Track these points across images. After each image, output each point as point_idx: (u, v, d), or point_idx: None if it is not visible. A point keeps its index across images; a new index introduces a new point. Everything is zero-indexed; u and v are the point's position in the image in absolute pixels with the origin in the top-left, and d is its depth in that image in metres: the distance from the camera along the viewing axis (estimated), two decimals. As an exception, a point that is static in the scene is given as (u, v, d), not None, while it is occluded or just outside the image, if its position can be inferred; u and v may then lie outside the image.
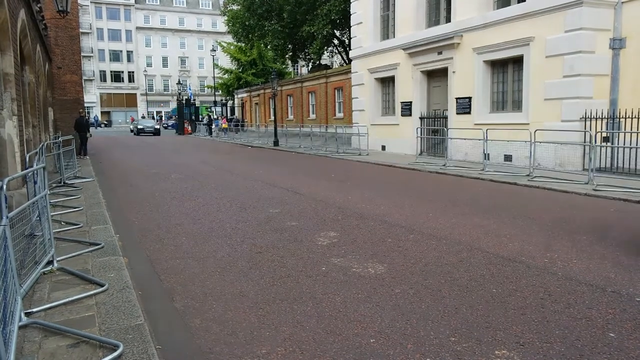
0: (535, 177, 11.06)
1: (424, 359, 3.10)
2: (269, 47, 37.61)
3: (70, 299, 4.01)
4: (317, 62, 37.53)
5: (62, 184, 10.93)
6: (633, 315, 3.71)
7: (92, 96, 67.16)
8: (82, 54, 27.32)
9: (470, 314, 3.78)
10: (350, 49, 22.78)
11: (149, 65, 73.22)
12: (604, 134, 11.31)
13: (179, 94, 46.21)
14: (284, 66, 47.00)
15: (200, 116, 48.86)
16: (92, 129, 51.16)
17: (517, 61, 13.65)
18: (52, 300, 4.00)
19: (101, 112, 70.27)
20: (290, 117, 35.36)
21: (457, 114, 15.56)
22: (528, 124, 12.74)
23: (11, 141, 7.61)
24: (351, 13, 21.18)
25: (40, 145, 7.71)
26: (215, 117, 43.76)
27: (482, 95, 14.74)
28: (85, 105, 29.36)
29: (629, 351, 3.16)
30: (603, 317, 3.67)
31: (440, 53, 16.12)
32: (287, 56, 38.06)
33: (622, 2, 11.68)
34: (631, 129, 10.74)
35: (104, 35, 71.36)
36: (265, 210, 7.99)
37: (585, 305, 3.90)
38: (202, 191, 10.21)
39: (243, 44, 42.87)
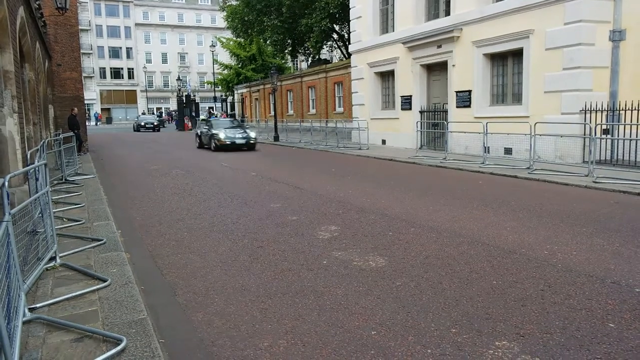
0: (535, 169, 11.07)
1: (425, 350, 3.13)
2: (268, 42, 37.53)
3: (73, 294, 4.03)
4: (317, 57, 37.44)
5: (63, 180, 10.95)
6: (632, 305, 3.73)
7: (92, 93, 67.06)
8: (82, 51, 27.29)
9: (470, 305, 3.80)
10: (349, 44, 22.73)
11: (149, 61, 73.01)
12: (604, 127, 11.29)
13: (179, 90, 46.14)
14: (283, 61, 46.87)
15: (200, 112, 48.81)
16: (93, 127, 51.12)
17: (517, 54, 13.61)
18: (55, 295, 4.03)
19: (101, 108, 70.20)
20: (291, 112, 35.30)
21: (457, 107, 15.54)
22: (528, 116, 12.73)
23: (12, 138, 7.63)
24: (350, 7, 21.11)
25: (41, 143, 7.73)
26: (215, 113, 43.70)
27: (482, 89, 14.72)
28: (86, 102, 29.24)
29: (628, 341, 3.18)
30: (603, 308, 3.69)
31: (439, 46, 16.08)
32: (286, 51, 37.98)
33: (622, -6, 11.63)
34: (631, 121, 10.74)
35: (103, 32, 71.14)
36: (266, 205, 8.01)
37: (585, 296, 3.92)
38: (203, 186, 10.23)
39: (242, 40, 42.77)
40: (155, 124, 40.84)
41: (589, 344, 3.16)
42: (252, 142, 19.73)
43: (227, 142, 19.21)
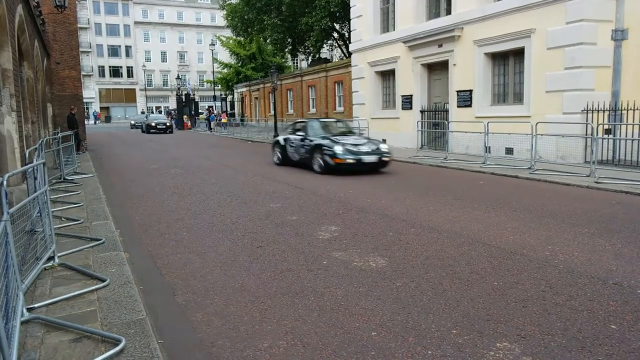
0: (536, 170, 11.04)
1: (426, 351, 3.10)
2: (268, 41, 37.45)
3: (71, 294, 4.01)
4: (317, 56, 37.40)
5: (62, 180, 10.92)
6: (634, 307, 3.71)
7: (91, 91, 66.95)
8: (81, 49, 27.21)
9: (471, 306, 3.78)
10: (350, 43, 22.70)
11: (148, 60, 72.90)
12: (606, 126, 11.27)
13: (178, 89, 46.08)
14: (283, 60, 46.80)
15: (199, 111, 48.83)
16: (91, 125, 51.09)
17: (518, 53, 13.59)
18: (53, 295, 4.01)
19: (100, 107, 70.15)
20: (291, 111, 35.27)
21: (458, 107, 15.52)
22: (529, 116, 12.70)
23: (10, 137, 7.60)
24: (351, 6, 21.08)
25: (40, 141, 7.69)
26: (215, 112, 43.67)
27: (483, 88, 14.69)
28: (84, 100, 29.11)
29: (630, 343, 3.16)
30: (604, 309, 3.67)
31: (440, 46, 16.05)
32: (286, 50, 37.93)
33: (624, -7, 11.61)
34: (633, 121, 10.71)
35: (102, 30, 71.04)
36: (265, 205, 7.98)
37: (586, 298, 3.90)
38: (202, 186, 10.21)
39: (242, 38, 42.69)
40: (168, 124, 36.04)
41: (590, 345, 3.13)
42: (385, 158, 11.78)
43: (350, 161, 11.28)
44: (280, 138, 14.29)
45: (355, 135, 13.22)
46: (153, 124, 35.34)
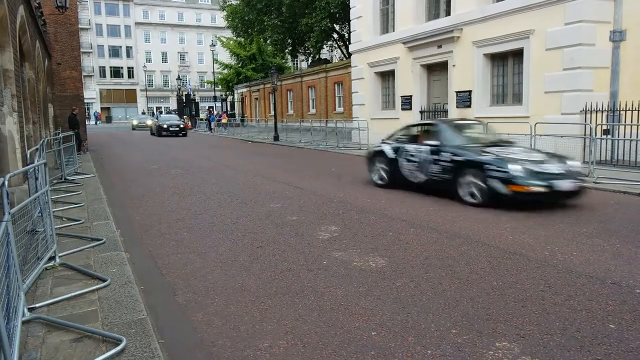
0: (535, 170, 11.03)
1: (425, 351, 3.12)
2: (268, 41, 37.51)
3: (72, 294, 4.02)
4: (317, 57, 37.46)
5: (63, 180, 10.94)
6: (633, 306, 3.73)
7: (91, 92, 66.98)
8: (82, 50, 27.15)
9: (470, 306, 3.79)
10: (349, 43, 22.73)
11: (149, 60, 72.95)
12: (604, 127, 11.29)
13: (179, 89, 46.10)
14: (283, 61, 46.87)
15: (200, 111, 48.87)
16: (92, 125, 51.10)
17: (517, 54, 13.61)
18: (54, 295, 4.02)
19: (101, 107, 70.18)
20: (290, 111, 35.30)
21: (457, 107, 15.54)
22: (528, 117, 12.72)
23: (12, 137, 7.61)
24: (351, 7, 21.11)
25: (41, 142, 7.71)
26: (215, 112, 43.71)
27: (482, 89, 14.71)
28: (85, 101, 29.03)
29: (628, 342, 3.17)
30: (603, 309, 3.69)
31: (440, 47, 16.08)
32: (286, 51, 37.99)
33: (623, -6, 11.63)
34: (631, 122, 10.73)
35: (103, 31, 71.09)
36: (266, 205, 8.00)
37: (585, 297, 3.92)
38: (202, 186, 10.23)
39: (242, 39, 42.74)
40: (182, 126, 32.20)
41: (589, 345, 3.15)
42: (580, 182, 7.71)
43: (537, 189, 7.21)
44: (386, 148, 9.82)
45: (518, 145, 8.96)
46: (165, 126, 31.59)
